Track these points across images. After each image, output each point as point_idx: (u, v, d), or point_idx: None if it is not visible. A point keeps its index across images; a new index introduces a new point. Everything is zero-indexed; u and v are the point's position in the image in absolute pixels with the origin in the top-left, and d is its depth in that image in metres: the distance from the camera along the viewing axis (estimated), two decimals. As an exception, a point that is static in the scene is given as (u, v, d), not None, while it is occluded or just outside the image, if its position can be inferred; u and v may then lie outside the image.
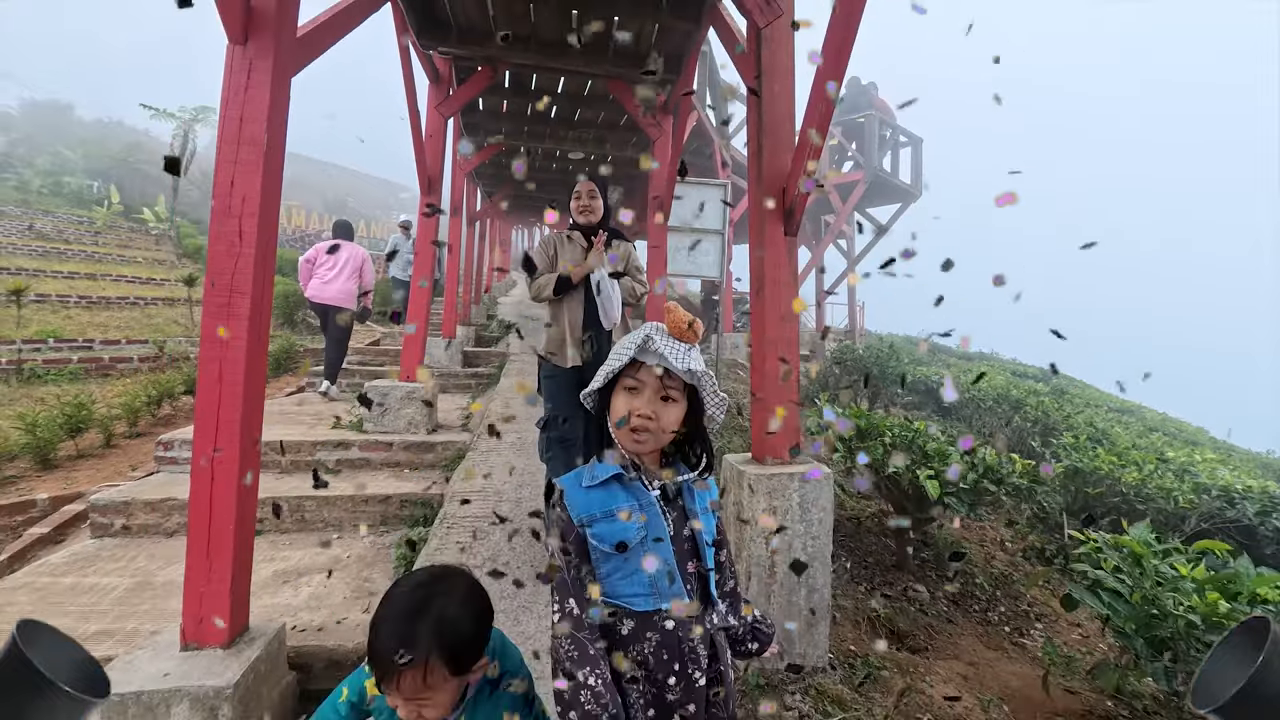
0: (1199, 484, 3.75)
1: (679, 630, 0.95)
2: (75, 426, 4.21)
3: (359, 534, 3.09)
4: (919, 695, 2.22)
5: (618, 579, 0.96)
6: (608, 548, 0.95)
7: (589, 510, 0.97)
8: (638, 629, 0.94)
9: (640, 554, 0.95)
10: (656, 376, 0.98)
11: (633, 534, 0.95)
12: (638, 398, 0.98)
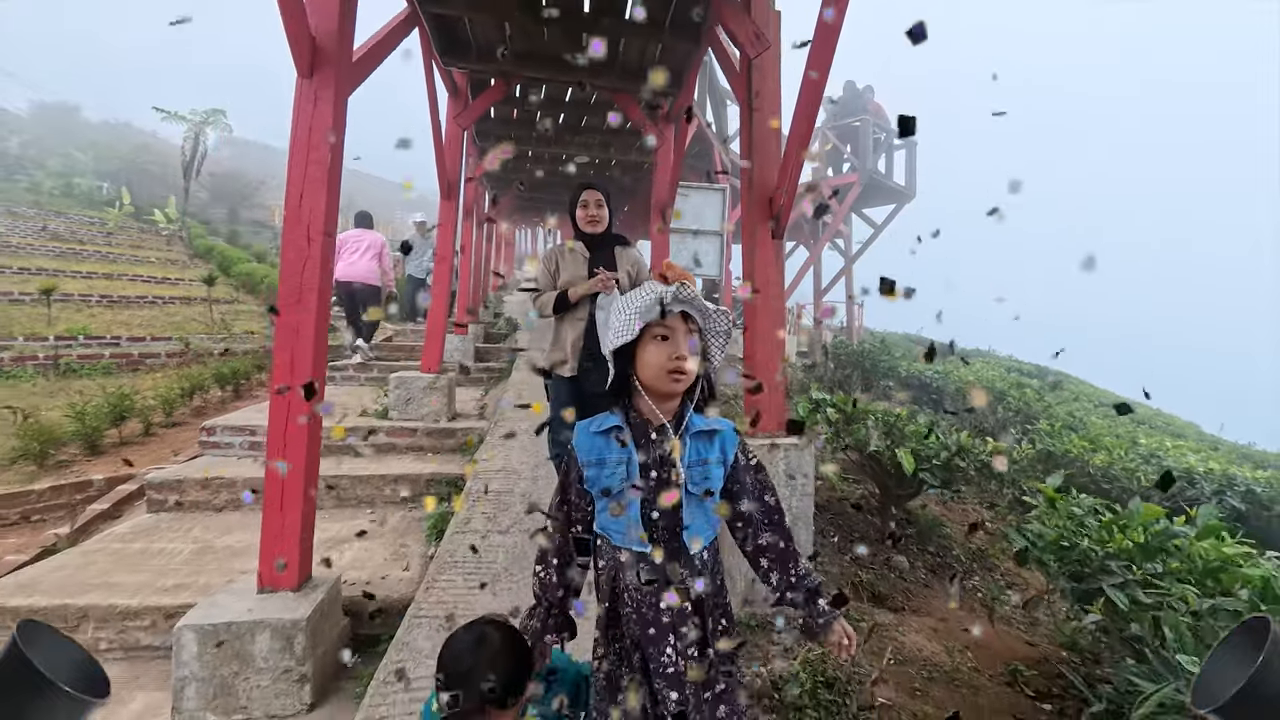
0: (1163, 466, 4.05)
1: (664, 563, 1.06)
2: (119, 415, 4.53)
3: (392, 508, 3.40)
4: (892, 640, 2.53)
5: (606, 517, 1.09)
6: (595, 491, 1.08)
7: (588, 454, 1.09)
8: (631, 560, 1.07)
9: (620, 499, 1.06)
10: (683, 320, 1.06)
11: (616, 482, 1.06)
12: (670, 345, 1.04)
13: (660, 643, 1.06)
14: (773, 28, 2.35)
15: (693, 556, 1.08)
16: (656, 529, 1.07)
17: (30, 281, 9.86)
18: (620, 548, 1.08)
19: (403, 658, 1.99)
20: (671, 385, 1.05)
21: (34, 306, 8.31)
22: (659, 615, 1.06)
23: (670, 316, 1.04)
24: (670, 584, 1.06)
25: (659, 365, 1.03)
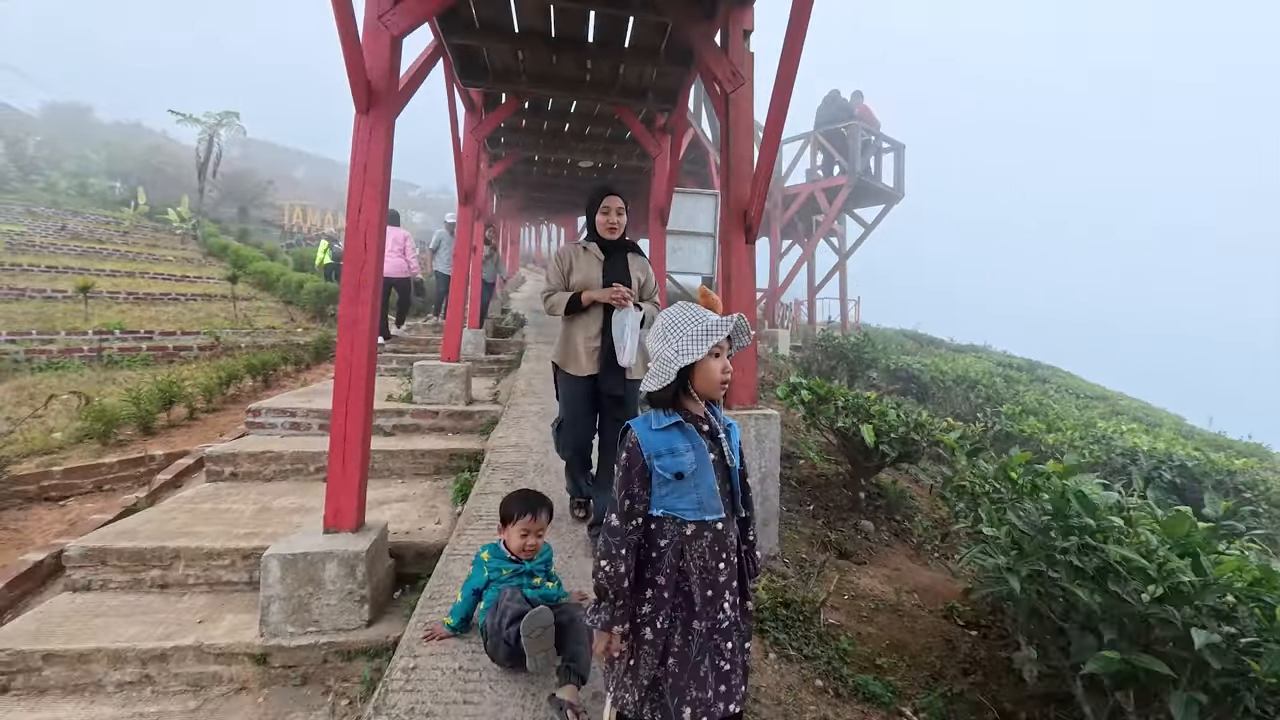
0: (1111, 445, 4.50)
1: (724, 531, 1.32)
2: (168, 401, 5.02)
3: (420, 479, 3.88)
4: (850, 583, 2.99)
5: (674, 499, 1.30)
6: (669, 475, 1.29)
7: (656, 447, 1.30)
8: (695, 534, 1.30)
9: (693, 481, 1.30)
10: (727, 343, 1.35)
11: (687, 466, 1.30)
12: (721, 360, 1.34)
13: (718, 601, 1.30)
14: (746, 67, 2.81)
15: (737, 523, 1.38)
16: (725, 500, 1.33)
17: (59, 279, 10.37)
18: (688, 522, 1.30)
19: (442, 583, 2.46)
20: (721, 391, 1.37)
21: (68, 304, 8.82)
22: (717, 576, 1.30)
23: (722, 344, 1.33)
24: (726, 545, 1.32)
25: (717, 377, 1.33)
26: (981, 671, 2.45)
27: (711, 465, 1.33)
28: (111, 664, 2.29)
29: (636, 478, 1.31)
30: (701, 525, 1.30)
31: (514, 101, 4.72)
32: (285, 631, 2.37)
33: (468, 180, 4.81)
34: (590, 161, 7.42)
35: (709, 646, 1.29)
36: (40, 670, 2.26)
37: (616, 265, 2.62)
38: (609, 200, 2.60)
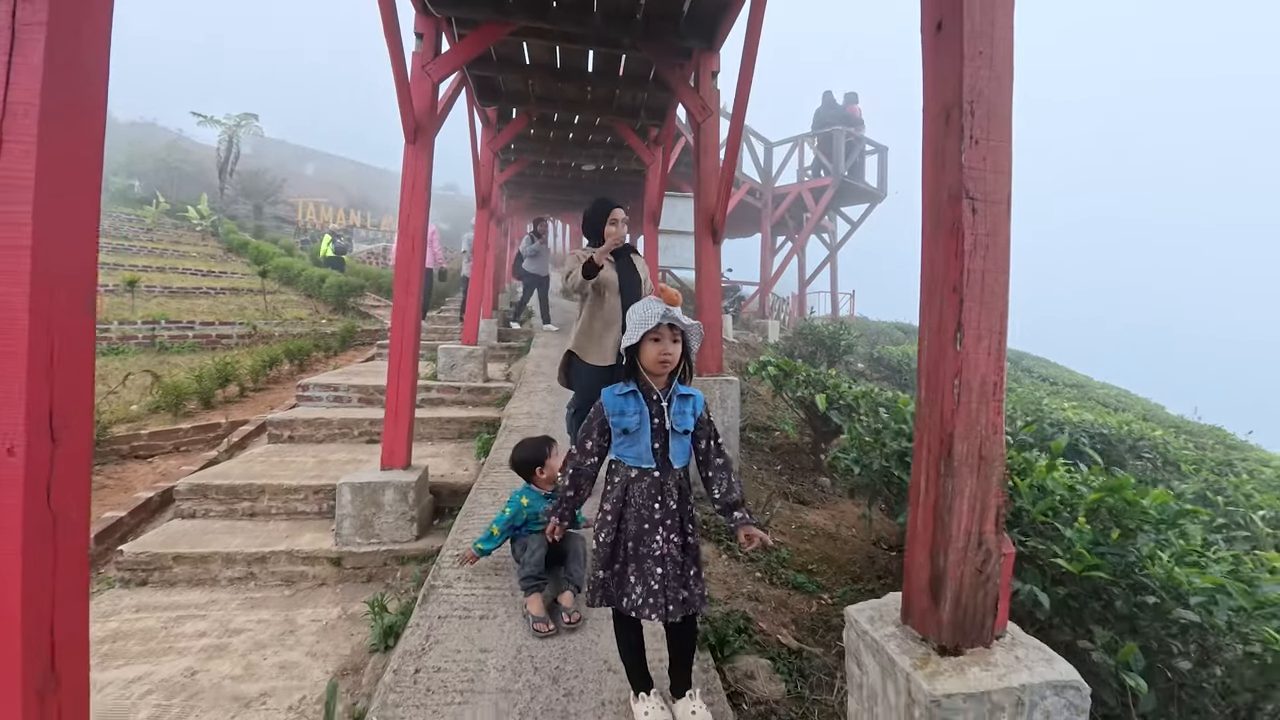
0: (1043, 416, 5.17)
1: (661, 479, 1.64)
2: (224, 379, 5.76)
3: (447, 441, 4.61)
4: (797, 518, 3.69)
5: (623, 449, 1.67)
6: (619, 430, 1.65)
7: (613, 407, 1.67)
8: (637, 478, 1.65)
9: (635, 436, 1.64)
10: (669, 329, 1.62)
11: (632, 423, 1.64)
12: (660, 344, 1.61)
13: (653, 533, 1.62)
14: (713, 101, 3.50)
15: (675, 471, 1.66)
16: (656, 454, 1.65)
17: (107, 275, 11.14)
18: (632, 467, 1.66)
19: (473, 507, 3.17)
20: (660, 369, 1.63)
21: (111, 296, 9.59)
22: (653, 514, 1.63)
23: (661, 328, 1.61)
24: (663, 491, 1.64)
25: (653, 357, 1.62)
26: (892, 577, 3.14)
27: (651, 428, 1.64)
28: (224, 564, 3.02)
29: (597, 427, 1.71)
30: (641, 472, 1.66)
31: (524, 118, 5.41)
32: (354, 541, 3.10)
33: (484, 186, 5.52)
34: (592, 165, 8.10)
35: (641, 568, 1.62)
36: (171, 568, 3.00)
37: (626, 265, 3.01)
38: (615, 212, 2.91)
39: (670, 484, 1.66)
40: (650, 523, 1.64)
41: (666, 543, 1.63)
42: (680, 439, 1.67)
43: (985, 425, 1.19)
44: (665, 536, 1.63)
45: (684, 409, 1.69)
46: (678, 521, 1.67)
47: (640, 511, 1.64)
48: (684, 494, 1.70)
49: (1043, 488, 1.98)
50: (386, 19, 2.90)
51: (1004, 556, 1.23)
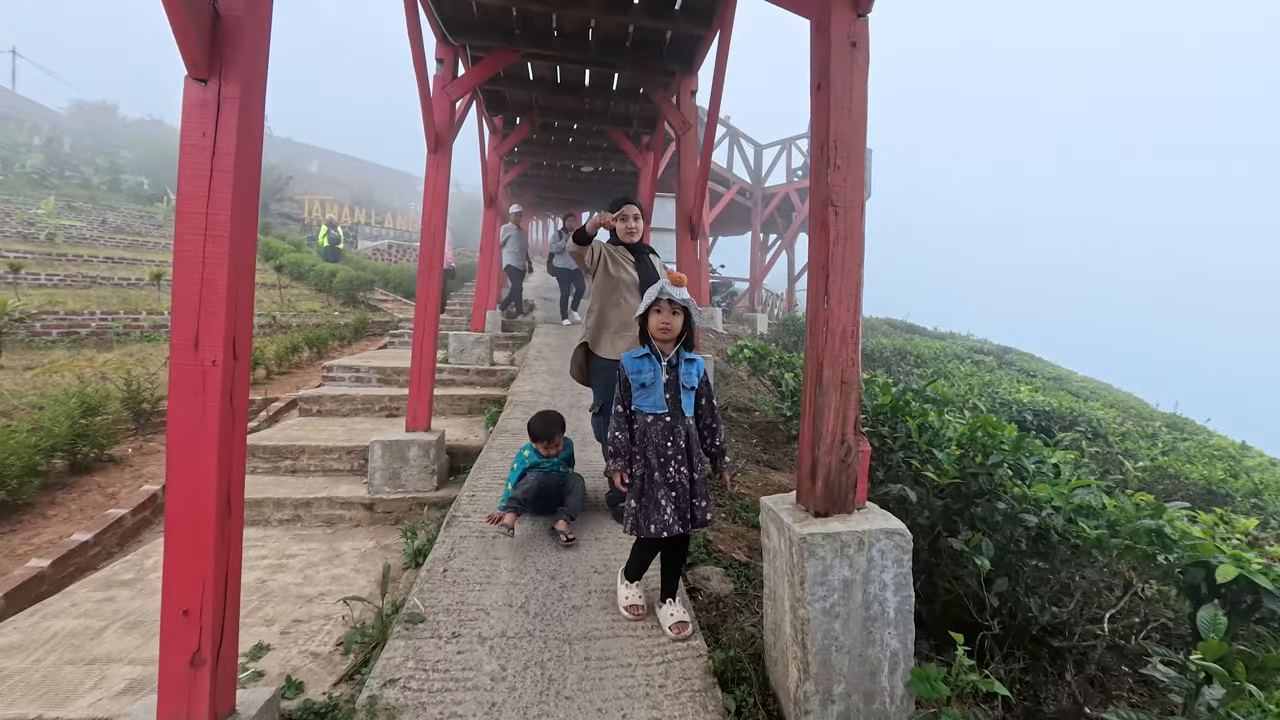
0: (995, 396, 5.73)
1: (672, 423, 2.08)
2: (254, 363, 6.31)
3: (459, 416, 5.17)
4: (765, 476, 4.25)
5: (641, 399, 2.10)
6: (637, 385, 2.10)
7: (631, 368, 2.12)
8: (653, 422, 2.08)
9: (650, 390, 2.08)
10: (669, 304, 2.06)
11: (648, 379, 2.09)
12: (660, 316, 2.08)
13: (667, 466, 2.05)
14: (692, 116, 4.05)
15: (685, 418, 2.10)
16: (668, 403, 2.09)
17: (117, 269, 11.67)
18: (649, 414, 2.09)
19: (484, 462, 3.73)
20: (661, 335, 2.09)
21: (133, 289, 10.15)
22: (665, 450, 2.06)
23: (661, 302, 2.08)
24: (674, 432, 2.07)
25: (655, 327, 2.09)
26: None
27: (663, 382, 2.10)
28: (275, 508, 3.58)
29: (621, 386, 2.16)
30: (656, 417, 2.09)
31: (528, 125, 5.96)
32: (384, 490, 3.66)
33: (491, 187, 6.07)
34: (591, 167, 8.66)
35: (662, 492, 2.04)
36: (231, 512, 3.56)
37: (645, 263, 3.03)
38: (627, 208, 2.94)
39: (680, 428, 2.10)
40: (665, 456, 2.06)
41: (678, 473, 2.06)
42: (688, 394, 2.12)
43: (845, 359, 1.74)
44: (677, 468, 2.06)
45: (690, 370, 2.13)
46: (686, 457, 2.09)
47: (658, 448, 2.07)
48: (691, 436, 2.11)
49: (930, 427, 2.54)
50: (415, 48, 3.45)
51: (862, 452, 1.79)
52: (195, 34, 1.42)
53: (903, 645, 1.72)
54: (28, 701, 1.95)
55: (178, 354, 1.47)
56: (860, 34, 1.72)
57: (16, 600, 2.68)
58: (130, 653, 2.25)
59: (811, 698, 1.68)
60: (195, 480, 1.49)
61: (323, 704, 1.91)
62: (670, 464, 2.06)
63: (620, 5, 3.42)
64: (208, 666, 1.52)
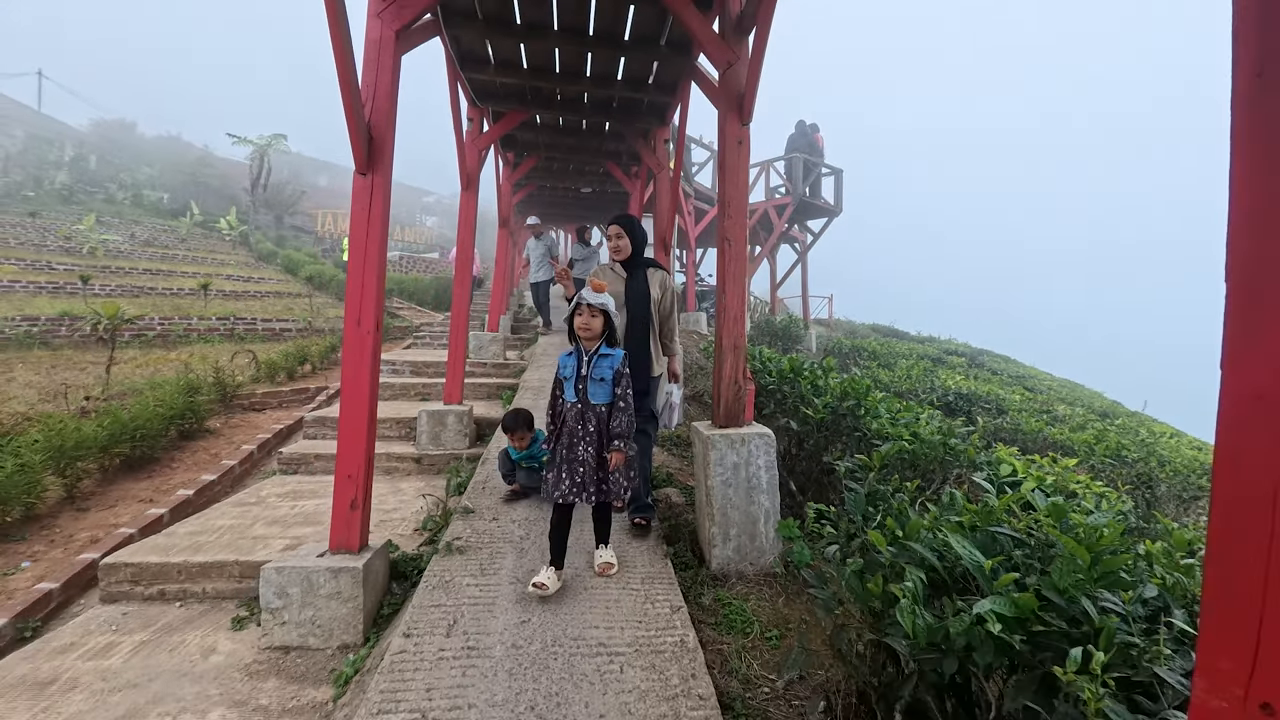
0: (932, 384, 6.85)
1: (583, 410, 2.47)
2: (302, 359, 7.45)
3: (480, 399, 6.30)
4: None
5: (565, 389, 2.53)
6: (563, 377, 2.56)
7: (561, 363, 2.58)
8: (569, 408, 2.49)
9: (569, 381, 2.52)
10: (588, 308, 2.48)
11: (568, 372, 2.53)
12: (582, 317, 2.48)
13: (576, 446, 2.45)
14: (665, 159, 5.20)
15: (595, 405, 2.48)
16: (579, 392, 2.49)
17: (155, 279, 12.84)
18: (567, 401, 2.52)
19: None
20: (584, 335, 2.50)
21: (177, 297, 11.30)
22: (577, 432, 2.47)
23: (582, 306, 2.49)
24: (584, 418, 2.48)
25: (577, 326, 2.50)
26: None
27: (579, 375, 2.49)
28: (346, 461, 4.70)
29: (555, 379, 2.63)
30: (571, 405, 2.50)
31: (535, 158, 7.12)
32: (428, 448, 4.78)
33: (504, 210, 7.23)
34: (589, 188, 9.82)
35: (571, 468, 2.45)
36: (312, 463, 4.67)
37: (637, 280, 3.04)
38: (610, 228, 3.10)
39: (590, 414, 2.47)
40: (576, 436, 2.46)
41: (585, 452, 2.44)
42: (599, 384, 2.48)
43: (738, 331, 2.87)
44: (585, 448, 2.44)
45: (603, 364, 2.49)
46: (595, 439, 2.46)
47: (571, 431, 2.47)
48: (601, 421, 2.48)
49: (815, 383, 3.68)
50: (454, 112, 4.62)
51: (749, 390, 2.92)
52: (361, 145, 2.55)
53: (773, 505, 2.84)
54: (226, 553, 3.07)
55: (349, 327, 2.60)
56: (744, 135, 2.87)
57: (179, 513, 3.81)
58: (275, 536, 3.37)
59: (716, 538, 2.80)
60: (357, 400, 2.61)
61: (414, 553, 3.03)
62: (579, 444, 2.44)
63: (607, 81, 4.57)
64: (359, 511, 2.64)
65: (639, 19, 3.78)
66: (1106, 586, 1.25)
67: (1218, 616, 0.71)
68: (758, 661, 2.26)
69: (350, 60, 2.39)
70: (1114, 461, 4.35)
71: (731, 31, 2.92)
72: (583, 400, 2.47)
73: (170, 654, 2.49)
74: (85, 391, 5.59)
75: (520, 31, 3.87)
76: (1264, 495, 0.65)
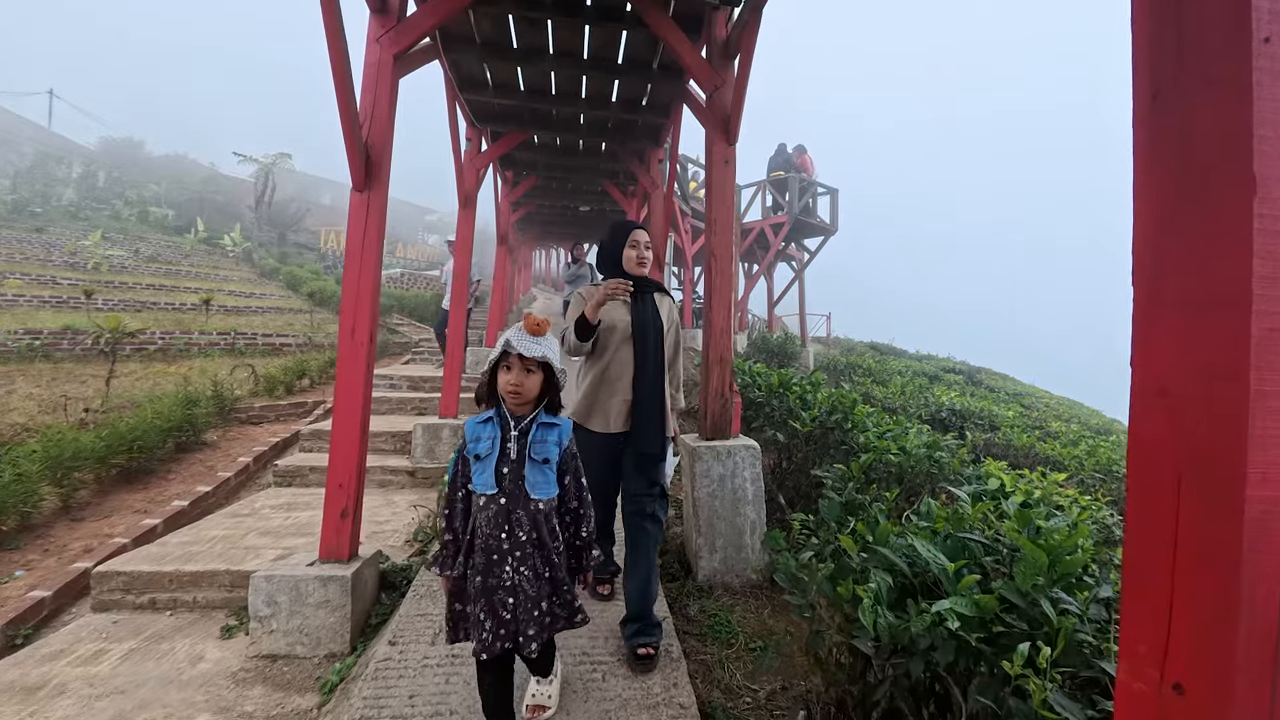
0: (926, 400, 6.90)
1: (508, 507, 1.55)
2: (300, 373, 7.51)
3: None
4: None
5: (475, 475, 1.57)
6: (472, 456, 1.58)
7: (471, 434, 1.60)
8: (484, 505, 1.56)
9: (485, 462, 1.56)
10: (519, 359, 1.55)
11: (484, 450, 1.57)
12: (509, 374, 1.56)
13: (501, 565, 1.55)
14: (659, 178, 5.31)
15: (530, 501, 1.56)
16: (505, 480, 1.56)
17: (158, 294, 12.96)
18: (480, 494, 1.56)
19: (500, 441, 4.90)
20: (510, 401, 1.58)
21: (179, 312, 11.41)
22: (500, 544, 1.55)
23: (511, 358, 1.56)
24: (510, 520, 1.55)
25: (500, 386, 1.58)
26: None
27: (499, 454, 1.56)
28: (341, 474, 4.73)
29: (461, 457, 1.61)
30: (487, 499, 1.55)
31: (534, 178, 7.26)
32: (423, 461, 4.81)
33: (503, 227, 7.35)
34: (588, 206, 9.97)
35: (491, 599, 1.55)
36: (307, 476, 4.71)
37: (646, 306, 2.32)
38: (637, 234, 2.34)
39: (521, 513, 1.56)
40: (499, 553, 1.55)
41: (518, 575, 1.56)
42: (539, 468, 1.59)
43: (724, 345, 2.93)
44: (515, 568, 1.56)
45: (547, 437, 1.60)
46: (530, 553, 1.57)
47: (488, 542, 1.55)
48: (539, 525, 1.59)
49: (803, 397, 3.73)
50: (453, 132, 4.73)
51: (736, 403, 2.96)
52: (359, 164, 2.64)
53: (759, 517, 2.87)
54: (217, 562, 3.09)
55: (343, 338, 2.66)
56: (730, 155, 2.96)
57: (174, 524, 3.84)
58: (268, 546, 3.39)
59: (703, 549, 2.83)
60: (350, 410, 2.66)
61: (404, 564, 3.05)
62: (506, 563, 1.56)
63: (603, 103, 4.69)
64: (349, 519, 2.68)
65: (632, 44, 3.91)
66: (1065, 588, 1.29)
67: (1134, 603, 0.75)
68: (741, 672, 2.28)
69: (349, 82, 2.48)
70: (1104, 476, 4.38)
71: (718, 57, 3.03)
72: (510, 493, 1.57)
73: (158, 661, 2.50)
74: (85, 404, 5.64)
75: (517, 56, 4.00)
76: (1169, 485, 0.70)
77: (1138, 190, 0.73)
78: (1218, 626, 0.63)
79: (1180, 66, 0.66)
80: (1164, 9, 0.70)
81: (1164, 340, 0.70)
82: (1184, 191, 0.67)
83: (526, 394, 1.57)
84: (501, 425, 1.60)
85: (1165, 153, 0.70)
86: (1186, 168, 0.67)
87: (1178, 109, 0.67)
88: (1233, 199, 0.62)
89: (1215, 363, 0.65)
